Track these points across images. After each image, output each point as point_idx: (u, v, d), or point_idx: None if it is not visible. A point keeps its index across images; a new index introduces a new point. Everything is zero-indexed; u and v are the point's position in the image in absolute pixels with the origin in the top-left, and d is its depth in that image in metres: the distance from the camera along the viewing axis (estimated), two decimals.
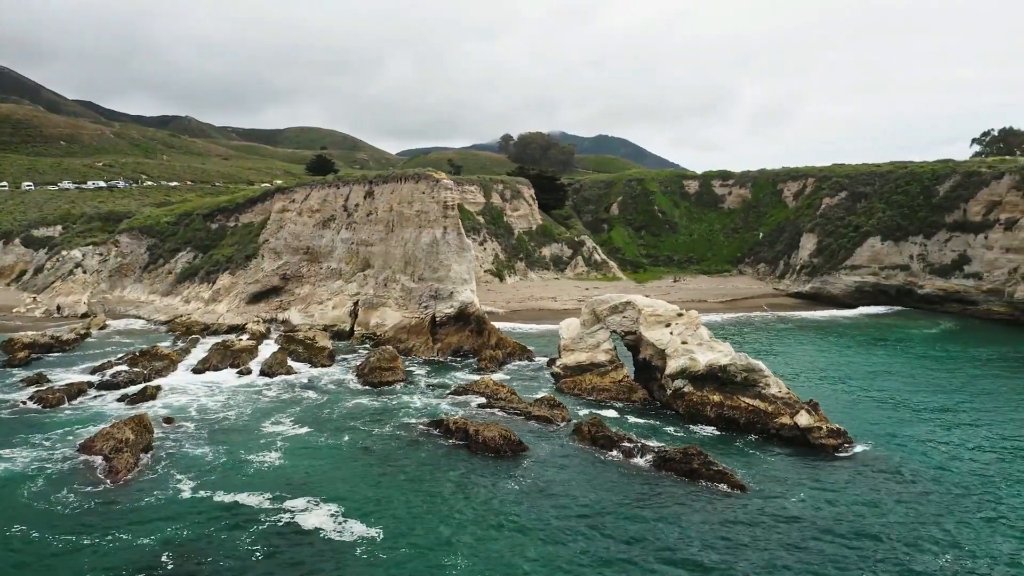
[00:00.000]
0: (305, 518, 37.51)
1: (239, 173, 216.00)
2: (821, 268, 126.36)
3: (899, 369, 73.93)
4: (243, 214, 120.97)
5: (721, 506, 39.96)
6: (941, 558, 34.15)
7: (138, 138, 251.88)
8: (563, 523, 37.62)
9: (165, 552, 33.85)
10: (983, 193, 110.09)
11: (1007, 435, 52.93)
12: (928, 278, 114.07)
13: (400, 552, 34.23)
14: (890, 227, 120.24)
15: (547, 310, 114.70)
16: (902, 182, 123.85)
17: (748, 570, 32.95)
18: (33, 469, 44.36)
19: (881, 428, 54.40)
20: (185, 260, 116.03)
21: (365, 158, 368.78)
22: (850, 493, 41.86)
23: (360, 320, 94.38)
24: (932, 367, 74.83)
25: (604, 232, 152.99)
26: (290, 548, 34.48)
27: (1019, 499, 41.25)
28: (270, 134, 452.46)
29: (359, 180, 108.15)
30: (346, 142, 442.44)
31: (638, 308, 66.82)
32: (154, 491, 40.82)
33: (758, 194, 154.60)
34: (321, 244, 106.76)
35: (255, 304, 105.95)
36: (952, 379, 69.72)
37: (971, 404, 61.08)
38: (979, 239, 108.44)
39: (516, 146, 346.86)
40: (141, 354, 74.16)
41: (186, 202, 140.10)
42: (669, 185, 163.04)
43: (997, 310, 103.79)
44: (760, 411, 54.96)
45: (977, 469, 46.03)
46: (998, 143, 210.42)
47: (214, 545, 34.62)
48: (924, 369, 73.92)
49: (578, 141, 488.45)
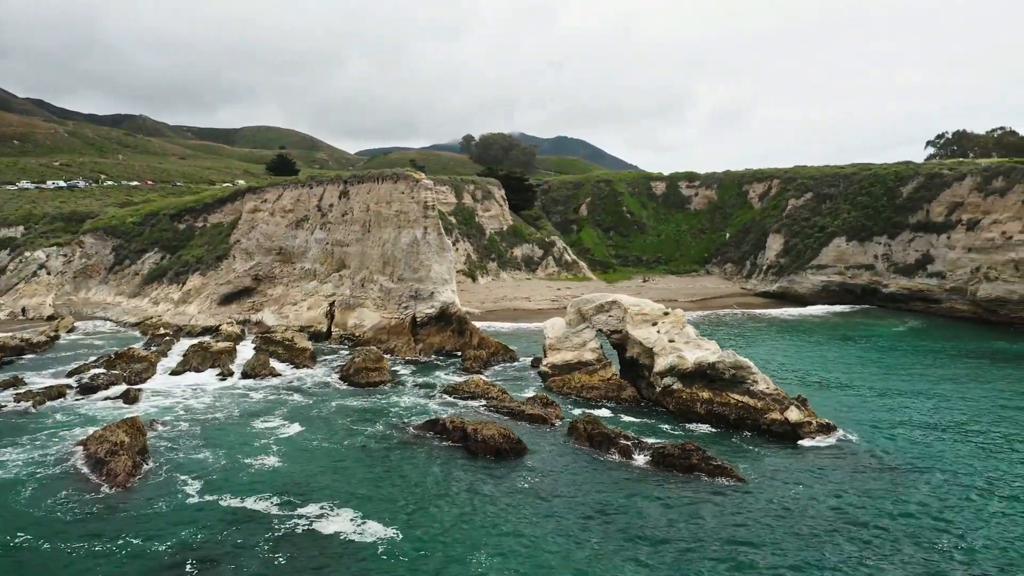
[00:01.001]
0: (322, 522, 37.13)
1: (199, 173, 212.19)
2: (788, 268, 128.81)
3: (874, 365, 75.79)
4: (212, 214, 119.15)
5: (726, 499, 40.62)
6: (938, 542, 35.42)
7: (93, 137, 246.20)
8: (577, 522, 37.87)
9: (189, 559, 33.22)
10: (945, 194, 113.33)
11: (983, 424, 55.09)
12: (893, 277, 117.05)
13: (423, 554, 34.12)
14: (855, 228, 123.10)
15: (522, 310, 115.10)
16: (866, 183, 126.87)
17: (761, 561, 33.58)
18: (25, 474, 43.25)
19: (865, 421, 55.79)
20: (152, 261, 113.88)
21: (325, 158, 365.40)
22: (846, 483, 42.92)
23: (337, 321, 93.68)
24: (905, 363, 76.87)
25: (573, 233, 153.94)
26: (311, 551, 34.14)
27: (1002, 481, 43.34)
28: (226, 133, 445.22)
29: (333, 180, 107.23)
30: (305, 142, 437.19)
31: (624, 307, 67.45)
32: (160, 495, 40.06)
33: (724, 195, 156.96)
34: (294, 245, 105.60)
35: (227, 305, 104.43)
36: (925, 374, 71.79)
37: (946, 396, 63.11)
38: (942, 239, 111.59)
39: (478, 147, 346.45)
40: (117, 356, 72.63)
41: (149, 202, 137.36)
42: (637, 186, 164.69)
43: (960, 308, 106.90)
44: (750, 407, 55.92)
45: (961, 455, 47.82)
46: (952, 145, 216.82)
47: (234, 549, 34.12)
48: (898, 365, 75.88)
49: (537, 142, 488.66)
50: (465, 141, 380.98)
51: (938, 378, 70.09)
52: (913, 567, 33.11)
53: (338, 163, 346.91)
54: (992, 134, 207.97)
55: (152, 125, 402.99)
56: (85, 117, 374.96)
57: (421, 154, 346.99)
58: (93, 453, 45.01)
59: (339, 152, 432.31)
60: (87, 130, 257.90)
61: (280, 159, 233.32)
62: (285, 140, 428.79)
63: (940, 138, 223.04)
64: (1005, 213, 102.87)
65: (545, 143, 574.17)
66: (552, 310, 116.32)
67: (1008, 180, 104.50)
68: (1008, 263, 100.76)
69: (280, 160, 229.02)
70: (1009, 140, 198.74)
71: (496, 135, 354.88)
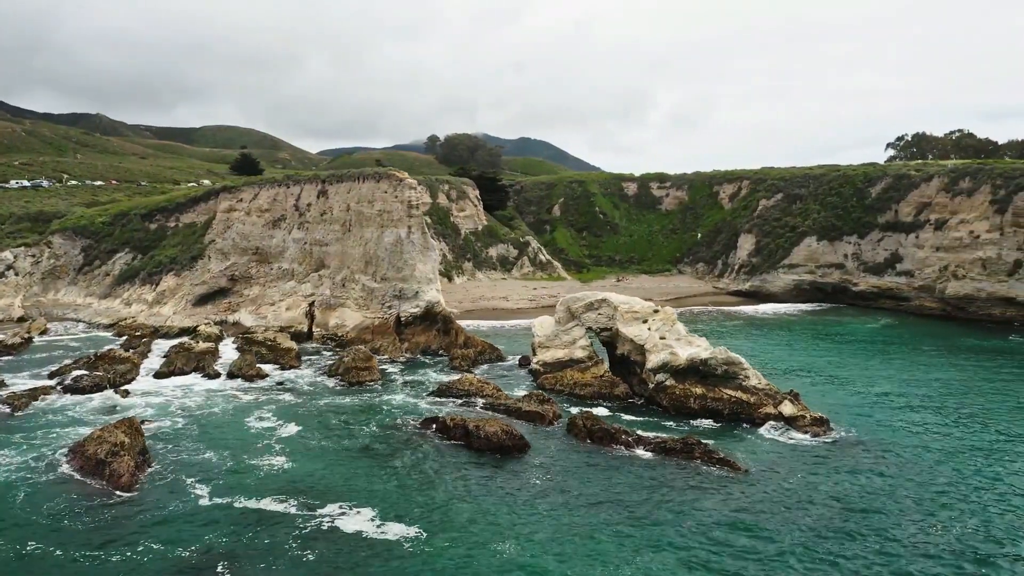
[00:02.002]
0: (343, 520, 37.08)
1: (162, 173, 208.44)
2: (760, 267, 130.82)
3: (854, 360, 77.50)
4: (184, 214, 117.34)
5: (732, 490, 41.47)
6: (930, 528, 36.87)
7: (51, 136, 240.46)
8: (589, 513, 38.36)
9: (219, 561, 32.94)
10: (913, 195, 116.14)
11: (963, 413, 57.50)
12: (863, 276, 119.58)
13: (448, 548, 34.33)
14: (825, 227, 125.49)
15: (500, 309, 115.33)
16: (835, 184, 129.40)
17: (772, 545, 34.50)
18: (19, 478, 42.11)
19: (854, 414, 57.17)
20: (123, 261, 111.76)
21: (287, 158, 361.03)
22: (843, 473, 44.20)
23: (319, 321, 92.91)
24: (884, 358, 78.74)
25: (547, 233, 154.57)
26: (338, 549, 34.15)
27: (983, 467, 45.49)
28: (185, 132, 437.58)
29: (311, 179, 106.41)
30: (266, 141, 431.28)
31: (614, 305, 68.04)
32: (172, 497, 39.44)
33: (694, 196, 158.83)
34: (271, 244, 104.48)
35: (202, 306, 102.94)
36: (905, 369, 73.73)
37: (925, 389, 65.19)
38: (910, 238, 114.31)
39: (443, 147, 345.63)
40: (98, 357, 71.21)
41: (116, 202, 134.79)
42: (609, 187, 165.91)
43: (929, 306, 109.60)
44: (743, 402, 56.89)
45: (946, 446, 49.77)
46: (912, 147, 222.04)
47: (263, 549, 33.92)
48: (877, 360, 77.70)
49: (501, 143, 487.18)
50: (430, 141, 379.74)
51: (917, 373, 72.04)
52: (915, 548, 34.47)
53: (300, 163, 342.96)
54: (951, 136, 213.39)
55: (109, 124, 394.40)
56: (40, 116, 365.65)
57: (386, 154, 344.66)
58: (93, 454, 44.03)
59: (301, 152, 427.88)
60: (44, 129, 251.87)
61: (244, 158, 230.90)
62: (245, 139, 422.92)
63: (900, 140, 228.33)
64: (972, 213, 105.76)
65: (508, 144, 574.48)
66: (530, 309, 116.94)
67: (975, 181, 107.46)
68: (976, 262, 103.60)
69: (244, 160, 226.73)
70: (967, 142, 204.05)
71: (461, 136, 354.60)
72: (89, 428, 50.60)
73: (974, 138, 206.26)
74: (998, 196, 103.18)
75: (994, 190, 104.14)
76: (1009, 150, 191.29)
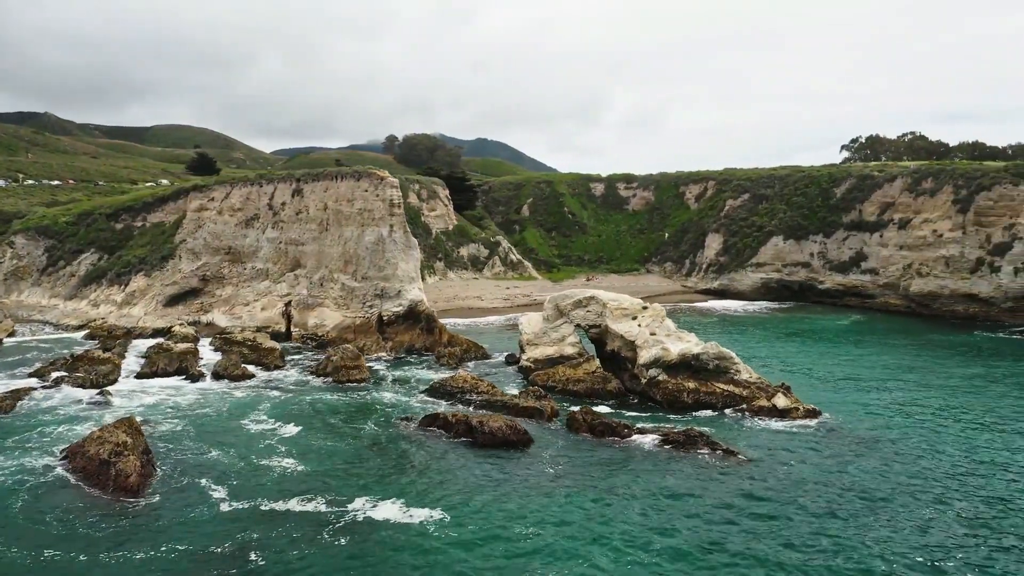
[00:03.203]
0: (368, 512, 37.27)
1: (118, 172, 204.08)
2: (728, 266, 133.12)
3: (831, 355, 79.64)
4: (151, 213, 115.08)
5: (740, 476, 42.64)
6: (926, 508, 38.54)
7: (0, 135, 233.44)
8: (604, 500, 39.24)
9: (251, 551, 32.96)
10: (877, 195, 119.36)
11: (941, 403, 60.25)
12: (828, 274, 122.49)
13: (476, 535, 34.85)
14: (791, 227, 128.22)
15: (476, 308, 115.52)
16: (800, 185, 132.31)
17: (789, 530, 35.51)
18: (16, 481, 40.78)
19: (838, 404, 58.79)
20: (89, 262, 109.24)
21: (242, 157, 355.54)
22: (840, 459, 45.76)
23: (297, 321, 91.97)
24: (858, 352, 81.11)
25: (516, 233, 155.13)
26: (368, 537, 34.57)
27: (967, 450, 48.25)
28: (136, 132, 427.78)
29: (285, 178, 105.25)
30: (219, 140, 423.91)
31: (603, 302, 68.75)
32: (188, 497, 38.80)
33: (661, 196, 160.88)
34: (244, 244, 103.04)
35: (173, 307, 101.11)
36: (879, 362, 76.26)
37: (901, 381, 67.85)
38: (875, 237, 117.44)
39: (402, 147, 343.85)
40: (76, 358, 69.71)
41: (77, 202, 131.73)
42: (576, 187, 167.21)
43: (894, 303, 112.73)
44: (736, 395, 58.04)
45: (930, 431, 52.38)
46: (866, 149, 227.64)
47: (293, 540, 33.94)
48: (853, 354, 80.00)
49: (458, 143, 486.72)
50: (388, 141, 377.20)
51: (892, 366, 74.41)
52: (917, 525, 36.24)
53: (256, 163, 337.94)
54: (903, 138, 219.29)
55: (57, 123, 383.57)
56: None
57: (343, 154, 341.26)
58: (95, 455, 42.99)
59: (256, 152, 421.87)
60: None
61: (201, 158, 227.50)
62: (199, 139, 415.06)
63: (854, 142, 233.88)
64: (935, 212, 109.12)
65: (466, 144, 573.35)
66: (505, 308, 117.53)
67: (937, 181, 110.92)
68: (939, 259, 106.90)
69: (201, 159, 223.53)
70: (919, 144, 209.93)
71: (420, 136, 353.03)
72: (82, 428, 49.77)
73: (926, 140, 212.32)
74: (960, 196, 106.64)
75: (956, 190, 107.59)
76: (960, 151, 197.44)
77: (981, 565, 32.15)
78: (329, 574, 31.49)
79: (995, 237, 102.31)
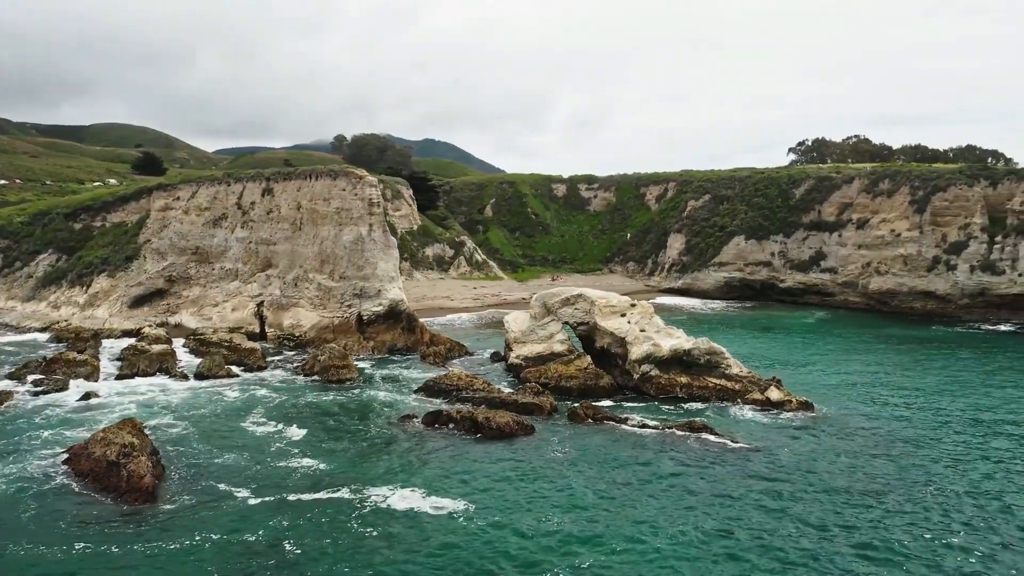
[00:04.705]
0: (391, 502, 37.65)
1: (63, 172, 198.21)
2: (691, 265, 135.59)
3: (803, 350, 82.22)
4: (111, 213, 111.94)
5: (745, 462, 44.17)
6: (922, 491, 40.08)
7: None
8: (622, 480, 40.91)
9: (285, 541, 33.00)
10: (835, 196, 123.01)
11: (916, 391, 63.67)
12: (789, 273, 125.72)
13: (499, 521, 35.53)
14: (753, 227, 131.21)
15: (446, 308, 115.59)
16: (760, 186, 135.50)
17: (797, 509, 37.07)
18: (21, 487, 39.29)
19: (823, 396, 60.44)
20: (48, 263, 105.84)
21: (185, 157, 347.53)
22: (835, 447, 47.47)
23: (271, 321, 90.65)
24: (828, 347, 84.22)
25: (480, 233, 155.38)
26: (396, 524, 35.11)
27: (949, 437, 50.52)
28: (74, 131, 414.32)
29: (254, 177, 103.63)
30: (161, 140, 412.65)
31: (591, 300, 69.58)
32: (207, 496, 38.12)
33: (622, 197, 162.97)
34: (212, 244, 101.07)
35: (139, 308, 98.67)
36: (849, 355, 79.51)
37: (875, 373, 70.76)
38: (834, 237, 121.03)
39: (351, 147, 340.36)
40: (51, 361, 67.72)
41: (28, 202, 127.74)
42: (539, 188, 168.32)
43: (853, 300, 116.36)
44: (729, 389, 59.38)
45: (915, 419, 54.66)
46: (812, 152, 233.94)
47: (323, 530, 34.20)
48: (823, 349, 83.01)
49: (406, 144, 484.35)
50: (337, 141, 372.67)
51: (863, 359, 77.32)
52: (914, 508, 37.82)
53: (200, 163, 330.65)
54: (848, 141, 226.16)
55: None
56: None
57: (291, 154, 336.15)
58: (102, 456, 41.75)
59: (199, 152, 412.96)
60: None
61: (147, 157, 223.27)
62: (139, 138, 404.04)
63: (801, 145, 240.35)
64: (893, 213, 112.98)
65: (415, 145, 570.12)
66: (475, 308, 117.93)
67: (894, 183, 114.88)
68: (897, 258, 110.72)
69: (147, 159, 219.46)
70: (864, 147, 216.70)
71: (369, 136, 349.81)
72: (77, 431, 48.47)
73: (870, 143, 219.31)
74: (917, 197, 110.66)
75: (912, 191, 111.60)
76: (903, 154, 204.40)
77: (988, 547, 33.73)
78: (366, 558, 31.78)
79: (951, 236, 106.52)
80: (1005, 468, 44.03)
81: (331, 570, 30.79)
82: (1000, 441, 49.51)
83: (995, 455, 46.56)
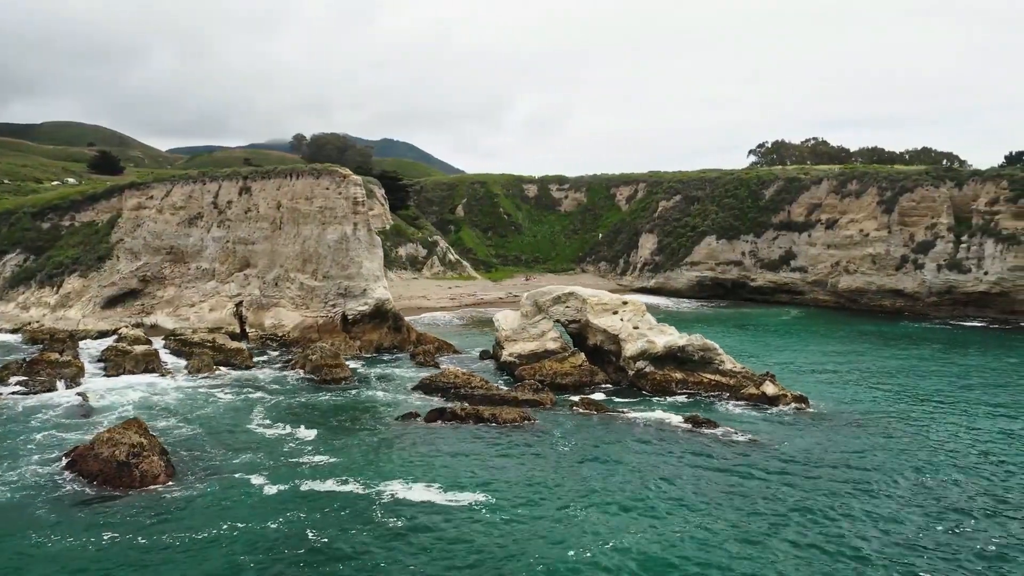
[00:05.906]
0: (411, 493, 38.00)
1: (18, 171, 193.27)
2: (663, 265, 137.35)
3: (783, 347, 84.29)
4: (81, 212, 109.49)
5: (749, 452, 45.11)
6: (919, 481, 41.23)
7: None
8: (633, 466, 42.00)
9: (308, 529, 33.32)
10: (804, 196, 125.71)
11: (898, 383, 65.52)
12: (760, 272, 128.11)
13: (519, 510, 36.07)
14: (724, 227, 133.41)
15: (424, 308, 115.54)
16: (731, 187, 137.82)
17: (797, 497, 38.07)
18: (27, 494, 38.13)
19: (818, 391, 61.81)
20: (15, 263, 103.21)
21: (140, 156, 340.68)
22: (837, 440, 48.33)
23: (252, 321, 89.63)
24: (807, 343, 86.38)
25: (452, 233, 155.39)
26: (419, 512, 35.49)
27: (944, 426, 52.52)
28: (24, 129, 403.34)
29: (230, 175, 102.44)
30: (114, 138, 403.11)
31: (582, 298, 70.26)
32: (223, 491, 37.72)
33: (593, 198, 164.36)
34: (188, 243, 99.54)
35: (112, 308, 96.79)
36: (830, 351, 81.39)
37: (856, 367, 72.51)
38: (803, 237, 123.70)
39: (310, 146, 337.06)
40: (33, 362, 66.07)
41: None
42: (510, 188, 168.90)
43: (823, 299, 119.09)
44: (724, 384, 60.45)
45: (904, 411, 56.14)
46: (771, 154, 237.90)
47: (345, 519, 34.55)
48: (802, 345, 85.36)
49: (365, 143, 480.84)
50: (296, 140, 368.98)
51: (842, 355, 79.37)
52: (915, 496, 38.94)
53: (155, 162, 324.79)
54: (806, 143, 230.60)
55: None
56: None
57: (248, 153, 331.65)
58: (110, 457, 40.90)
59: (154, 150, 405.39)
60: None
61: (103, 156, 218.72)
62: (91, 136, 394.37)
63: (761, 147, 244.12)
64: (861, 213, 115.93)
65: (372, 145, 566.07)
66: (453, 307, 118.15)
67: (862, 183, 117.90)
68: (866, 257, 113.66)
69: (103, 158, 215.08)
70: (822, 149, 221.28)
71: (329, 135, 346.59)
72: (76, 433, 47.41)
73: (828, 145, 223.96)
74: (885, 197, 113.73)
75: (880, 192, 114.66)
76: (861, 156, 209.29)
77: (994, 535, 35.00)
78: (390, 547, 32.05)
79: (918, 236, 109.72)
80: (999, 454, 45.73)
81: (359, 558, 30.97)
82: (989, 422, 52.33)
83: (986, 439, 48.87)
